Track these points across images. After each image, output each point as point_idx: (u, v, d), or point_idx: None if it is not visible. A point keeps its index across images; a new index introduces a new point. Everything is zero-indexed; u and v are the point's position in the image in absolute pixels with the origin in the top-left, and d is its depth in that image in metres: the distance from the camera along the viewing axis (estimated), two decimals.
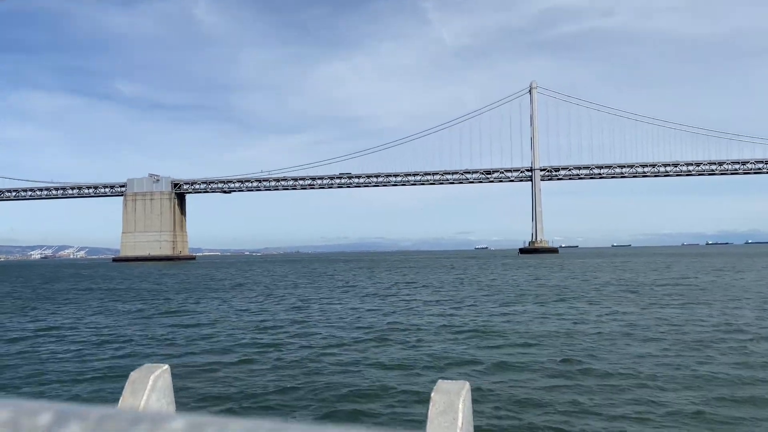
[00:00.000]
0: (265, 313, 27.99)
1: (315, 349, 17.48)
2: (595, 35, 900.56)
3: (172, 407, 3.62)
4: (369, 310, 28.42)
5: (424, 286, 45.42)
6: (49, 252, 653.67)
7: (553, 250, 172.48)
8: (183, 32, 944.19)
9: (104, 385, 13.51)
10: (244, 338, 20.05)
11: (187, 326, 23.67)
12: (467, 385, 3.04)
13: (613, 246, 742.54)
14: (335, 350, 17.32)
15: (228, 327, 23.19)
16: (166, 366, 3.59)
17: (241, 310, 30.01)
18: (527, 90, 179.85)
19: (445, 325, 21.90)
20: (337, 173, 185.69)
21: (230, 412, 11.08)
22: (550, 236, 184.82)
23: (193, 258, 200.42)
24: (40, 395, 12.80)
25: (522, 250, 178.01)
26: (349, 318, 25.16)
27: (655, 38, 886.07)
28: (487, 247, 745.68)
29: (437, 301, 32.54)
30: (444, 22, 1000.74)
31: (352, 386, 12.77)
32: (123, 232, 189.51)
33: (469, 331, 20.40)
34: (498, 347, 17.24)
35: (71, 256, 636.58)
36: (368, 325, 22.68)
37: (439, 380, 3.13)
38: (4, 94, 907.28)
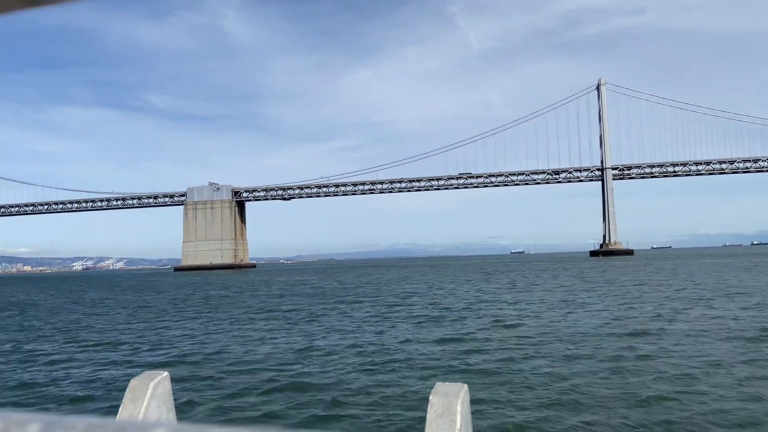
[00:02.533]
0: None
1: None
2: (624, 35, 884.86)
3: (173, 414, 3.79)
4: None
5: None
6: (90, 263, 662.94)
7: (628, 252, 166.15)
8: (212, 43, 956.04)
9: None
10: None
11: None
12: (465, 387, 3.03)
13: (653, 248, 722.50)
14: None
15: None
16: (166, 373, 3.75)
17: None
18: (594, 87, 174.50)
19: None
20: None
21: None
22: (584, 239, 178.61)
23: (253, 266, 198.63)
24: None
25: (594, 252, 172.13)
26: None
27: (686, 36, 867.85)
28: (523, 251, 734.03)
29: None
30: (471, 25, 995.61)
31: None
32: (184, 241, 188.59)
33: None
34: None
35: (110, 267, 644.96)
36: None
37: (437, 383, 3.10)
38: (42, 108, 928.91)
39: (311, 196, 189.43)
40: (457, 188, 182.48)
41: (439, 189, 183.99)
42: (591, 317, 24.03)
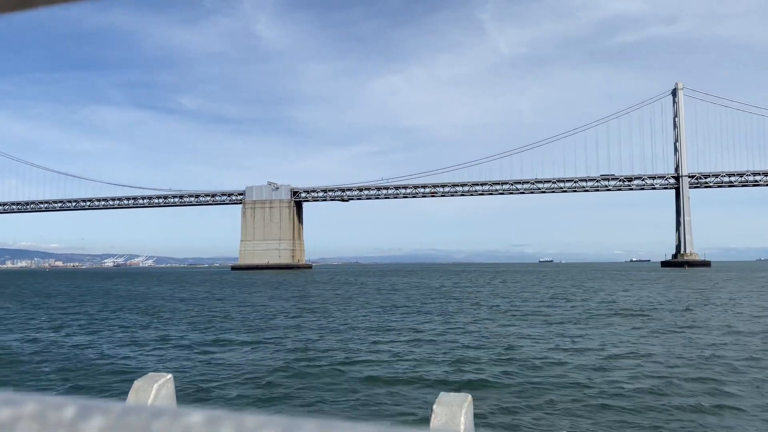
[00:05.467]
0: None
1: None
2: (657, 43, 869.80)
3: None
4: None
5: None
6: (120, 260, 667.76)
7: (705, 263, 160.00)
8: (244, 48, 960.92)
9: None
10: None
11: None
12: (469, 398, 3.03)
13: None
14: None
15: None
16: (170, 375, 3.77)
17: None
18: (670, 92, 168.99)
19: None
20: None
21: None
22: (608, 250, 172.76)
23: (309, 267, 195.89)
24: None
25: (666, 263, 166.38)
26: None
27: (722, 45, 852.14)
28: (552, 260, 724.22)
29: None
30: (501, 32, 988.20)
31: None
32: (241, 240, 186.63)
33: None
34: None
35: (140, 265, 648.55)
36: None
37: (441, 393, 3.10)
38: (77, 108, 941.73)
39: (371, 198, 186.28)
40: (522, 193, 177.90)
41: (503, 193, 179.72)
42: None
